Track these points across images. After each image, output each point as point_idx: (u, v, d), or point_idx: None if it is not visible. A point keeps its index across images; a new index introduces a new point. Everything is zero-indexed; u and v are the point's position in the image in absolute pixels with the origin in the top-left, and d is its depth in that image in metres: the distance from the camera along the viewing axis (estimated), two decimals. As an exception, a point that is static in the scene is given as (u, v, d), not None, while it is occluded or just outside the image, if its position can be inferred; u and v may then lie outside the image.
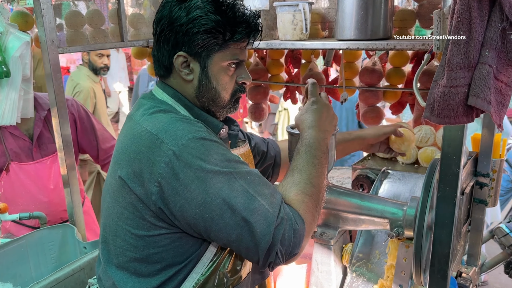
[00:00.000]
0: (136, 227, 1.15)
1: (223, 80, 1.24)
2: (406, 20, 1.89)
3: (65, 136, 1.96)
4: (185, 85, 1.25)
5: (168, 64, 1.23)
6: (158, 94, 1.27)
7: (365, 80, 2.10)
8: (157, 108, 1.20)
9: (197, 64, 1.21)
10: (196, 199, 1.07)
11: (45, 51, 1.83)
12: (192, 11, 1.16)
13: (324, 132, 1.31)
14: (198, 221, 1.09)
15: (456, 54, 0.86)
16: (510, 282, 3.52)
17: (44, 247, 1.98)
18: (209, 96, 1.24)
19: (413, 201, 1.33)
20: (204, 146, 1.09)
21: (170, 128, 1.11)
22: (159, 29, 1.20)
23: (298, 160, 1.24)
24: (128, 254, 1.18)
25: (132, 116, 1.24)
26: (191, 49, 1.18)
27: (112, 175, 1.20)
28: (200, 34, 1.16)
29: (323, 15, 2.06)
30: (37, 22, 1.81)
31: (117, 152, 1.21)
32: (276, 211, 1.09)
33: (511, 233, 2.96)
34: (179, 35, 1.17)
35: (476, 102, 0.85)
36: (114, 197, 1.18)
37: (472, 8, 0.82)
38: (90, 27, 2.17)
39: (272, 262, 1.11)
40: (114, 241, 1.20)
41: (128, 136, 1.18)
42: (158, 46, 1.23)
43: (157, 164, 1.08)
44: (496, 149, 1.81)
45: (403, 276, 1.34)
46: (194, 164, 1.07)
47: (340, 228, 1.50)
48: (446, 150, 1.11)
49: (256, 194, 1.09)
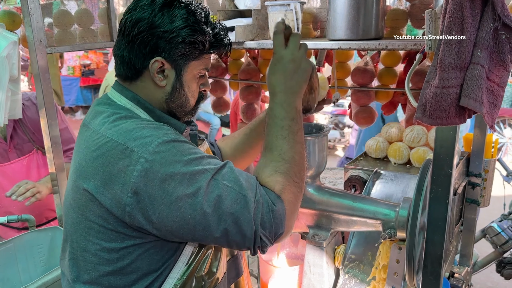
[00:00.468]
0: (108, 240, 1.11)
1: (193, 88, 1.24)
2: (397, 20, 1.88)
3: (54, 137, 1.94)
4: (155, 90, 1.21)
5: (141, 67, 1.18)
6: (115, 98, 1.22)
7: (357, 80, 2.09)
8: (118, 115, 1.16)
9: (173, 71, 1.19)
10: (175, 203, 1.04)
11: (32, 51, 1.80)
12: (177, 20, 1.14)
13: (291, 95, 1.20)
14: (181, 224, 1.06)
15: (448, 54, 0.85)
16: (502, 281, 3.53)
17: (33, 250, 1.95)
18: (179, 102, 1.23)
19: (406, 202, 1.32)
20: (175, 148, 1.07)
21: (137, 136, 1.07)
22: (137, 31, 1.15)
23: (268, 136, 1.20)
24: (100, 269, 1.13)
25: (88, 124, 1.19)
26: (170, 56, 1.16)
27: (75, 190, 1.14)
28: (184, 43, 1.15)
29: (314, 15, 2.05)
30: (24, 21, 1.78)
31: (79, 164, 1.14)
32: (253, 195, 1.08)
33: (502, 232, 2.99)
34: (160, 41, 1.14)
35: (468, 103, 0.84)
36: (80, 212, 1.13)
37: (465, 7, 0.81)
38: (79, 27, 2.14)
39: (259, 246, 1.10)
40: (83, 256, 1.15)
41: (91, 148, 1.13)
42: (131, 47, 1.17)
43: (130, 174, 1.04)
44: (488, 149, 1.81)
45: (395, 278, 1.34)
46: (168, 169, 1.04)
47: (333, 230, 1.49)
48: (439, 151, 1.10)
49: (232, 184, 1.08)
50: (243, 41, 1.82)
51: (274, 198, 1.11)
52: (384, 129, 2.00)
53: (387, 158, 1.93)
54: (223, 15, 1.96)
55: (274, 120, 1.19)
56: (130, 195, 1.04)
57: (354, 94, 2.14)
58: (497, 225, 3.01)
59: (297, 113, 1.21)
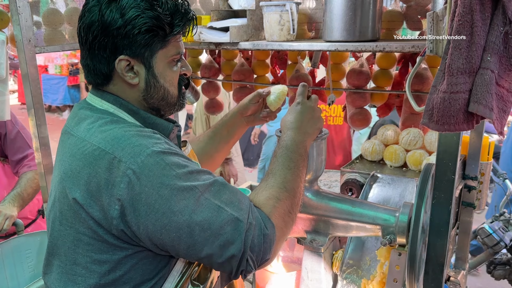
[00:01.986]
0: (98, 252, 1.06)
1: (169, 76, 1.18)
2: (393, 22, 1.87)
3: (42, 138, 1.88)
4: (129, 90, 1.16)
5: (108, 71, 1.13)
6: (96, 103, 1.17)
7: (352, 81, 2.07)
8: (103, 120, 1.11)
9: (142, 66, 1.13)
10: (161, 219, 1.00)
11: (21, 51, 1.75)
12: (128, 11, 1.07)
13: (304, 135, 1.29)
14: (164, 240, 1.02)
15: (457, 58, 0.82)
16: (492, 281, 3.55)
17: (21, 255, 1.90)
18: (158, 96, 1.18)
19: (406, 207, 1.30)
20: (164, 160, 1.02)
21: (125, 145, 1.02)
22: (92, 36, 1.10)
23: (274, 163, 1.22)
24: (91, 282, 1.08)
25: (71, 131, 1.14)
26: (133, 51, 1.10)
27: (62, 200, 1.09)
28: (141, 34, 1.08)
29: (309, 15, 2.02)
30: (12, 20, 1.72)
31: (65, 174, 1.08)
32: (245, 217, 1.04)
33: (494, 233, 3.00)
34: (117, 39, 1.08)
35: (478, 109, 0.82)
36: (69, 224, 1.08)
37: (474, 11, 0.79)
38: (69, 26, 2.09)
39: (244, 270, 1.06)
40: (73, 270, 1.09)
41: (77, 156, 1.07)
42: (91, 54, 1.12)
43: (117, 186, 1.00)
44: (484, 152, 1.81)
45: (395, 284, 1.31)
46: (156, 182, 1.00)
47: (331, 235, 1.46)
48: (442, 156, 1.08)
49: (223, 204, 1.04)
50: (237, 41, 1.79)
51: (267, 222, 1.08)
52: (380, 131, 1.98)
53: (383, 161, 1.92)
54: (217, 15, 1.93)
55: (284, 151, 1.24)
56: (117, 208, 1.00)
57: (349, 96, 2.12)
58: (488, 226, 3.02)
59: (305, 152, 1.28)
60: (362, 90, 2.08)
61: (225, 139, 1.62)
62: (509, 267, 3.22)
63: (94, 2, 1.09)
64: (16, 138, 2.18)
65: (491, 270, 3.29)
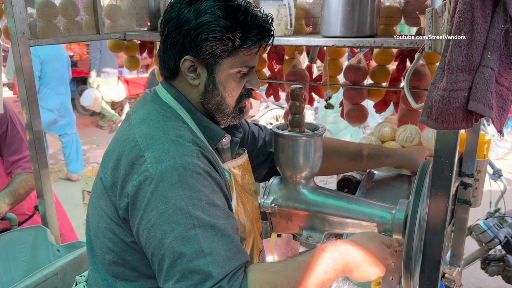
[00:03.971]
0: (112, 232, 1.12)
1: (231, 87, 1.19)
2: (391, 17, 1.86)
3: (37, 133, 1.86)
4: (191, 89, 1.20)
5: (174, 67, 1.18)
6: (161, 94, 1.22)
7: (350, 77, 2.06)
8: (160, 114, 1.16)
9: (204, 70, 1.16)
10: (149, 229, 1.02)
11: (15, 43, 1.72)
12: (202, 15, 1.09)
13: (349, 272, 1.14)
14: (146, 251, 1.05)
15: (456, 56, 0.81)
16: (486, 277, 3.57)
17: (15, 250, 1.88)
18: (214, 102, 1.19)
19: (402, 205, 1.29)
20: (180, 176, 1.01)
21: (157, 148, 1.06)
22: (167, 31, 1.15)
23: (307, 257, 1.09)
24: (106, 257, 1.14)
25: (130, 116, 1.20)
26: (198, 55, 1.13)
27: (98, 176, 1.18)
28: (208, 40, 1.10)
29: (307, 10, 2.01)
30: (6, 12, 1.70)
31: (106, 153, 1.17)
32: (219, 277, 0.95)
33: (488, 230, 3.01)
34: (186, 40, 1.12)
35: (477, 107, 0.81)
36: (97, 198, 1.16)
37: (475, 8, 0.78)
38: (64, 19, 2.06)
39: None
40: (95, 241, 1.18)
41: (119, 140, 1.15)
42: (164, 47, 1.18)
43: (131, 181, 1.05)
44: (481, 149, 1.80)
45: (391, 282, 1.31)
46: (160, 193, 1.01)
47: (327, 232, 1.46)
48: (439, 154, 1.08)
49: (208, 251, 0.97)
50: (235, 36, 1.77)
51: None
52: (377, 128, 1.98)
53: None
54: (214, 9, 1.91)
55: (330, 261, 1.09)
56: (125, 201, 1.06)
57: (347, 92, 2.12)
58: (483, 223, 3.03)
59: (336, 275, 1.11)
60: (359, 86, 2.07)
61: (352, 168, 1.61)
62: (503, 263, 3.24)
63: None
64: (15, 139, 2.15)
65: (485, 266, 3.32)
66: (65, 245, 1.88)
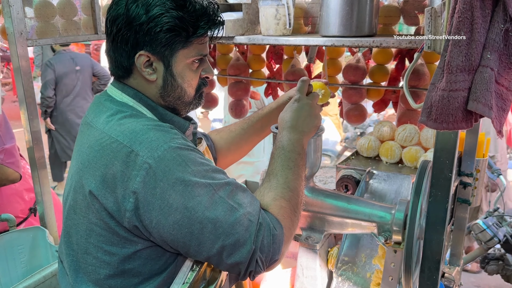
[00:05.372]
0: (109, 244, 1.08)
1: (189, 77, 1.19)
2: (390, 17, 1.85)
3: (35, 133, 1.86)
4: (148, 85, 1.18)
5: (128, 64, 1.15)
6: (116, 96, 1.18)
7: (348, 77, 2.06)
8: (123, 114, 1.12)
9: (161, 63, 1.15)
10: (174, 214, 1.01)
11: (12, 43, 1.72)
12: (152, 9, 1.08)
13: (300, 133, 1.26)
14: (176, 236, 1.03)
15: (456, 56, 0.81)
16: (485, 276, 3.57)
17: (13, 251, 1.88)
18: (175, 95, 1.19)
19: (402, 205, 1.29)
20: (180, 156, 1.03)
21: (143, 139, 1.04)
22: (116, 29, 1.11)
23: (274, 164, 1.21)
24: (101, 272, 1.10)
25: (91, 122, 1.15)
26: (153, 48, 1.11)
27: (78, 190, 1.10)
28: (162, 32, 1.09)
29: (306, 9, 2.00)
30: (3, 12, 1.69)
31: (82, 164, 1.10)
32: (256, 218, 1.06)
33: (488, 229, 3.01)
34: (139, 35, 1.10)
35: (477, 107, 0.81)
36: (82, 213, 1.10)
37: (475, 7, 0.78)
38: (62, 18, 2.05)
39: (252, 271, 1.07)
40: (84, 259, 1.12)
41: (95, 148, 1.08)
42: (114, 46, 1.14)
43: (133, 179, 1.01)
44: (480, 149, 1.80)
45: (391, 282, 1.31)
46: (171, 177, 1.01)
47: (326, 232, 1.45)
48: (439, 154, 1.07)
49: (236, 205, 1.05)
50: (233, 35, 1.77)
51: (275, 223, 1.10)
52: (376, 127, 1.97)
53: (379, 157, 1.91)
54: (212, 8, 1.90)
55: (282, 151, 1.22)
56: (132, 201, 1.02)
57: (346, 91, 2.11)
58: (482, 222, 3.03)
59: (303, 150, 1.25)
60: (358, 85, 2.06)
61: (257, 132, 1.61)
62: (502, 262, 3.24)
63: None
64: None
65: (485, 265, 3.31)
66: (63, 246, 1.87)
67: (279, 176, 1.17)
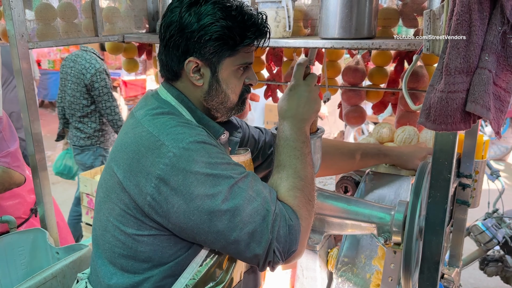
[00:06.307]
0: (126, 225, 1.14)
1: (233, 84, 1.24)
2: (389, 19, 1.86)
3: (36, 135, 1.86)
4: (194, 89, 1.24)
5: (178, 69, 1.22)
6: (162, 94, 1.26)
7: (348, 79, 2.07)
8: (161, 110, 1.20)
9: (208, 70, 1.21)
10: (195, 200, 1.06)
11: (14, 46, 1.72)
12: (203, 18, 1.14)
13: (301, 121, 1.27)
14: (195, 222, 1.07)
15: (454, 58, 0.82)
16: (484, 278, 3.58)
17: (14, 252, 1.88)
18: (218, 99, 1.24)
19: (401, 206, 1.30)
20: (204, 149, 1.09)
21: (171, 131, 1.11)
22: (169, 35, 1.18)
23: (280, 156, 1.23)
24: (116, 250, 1.17)
25: (134, 113, 1.24)
26: (202, 55, 1.18)
27: (108, 171, 1.20)
28: (212, 41, 1.15)
29: (305, 12, 2.01)
30: (5, 15, 1.70)
31: (115, 148, 1.20)
32: (273, 209, 1.09)
33: (487, 230, 3.02)
34: (190, 42, 1.16)
35: (475, 108, 0.82)
36: (107, 192, 1.18)
37: (473, 10, 0.79)
38: (62, 21, 2.06)
39: (271, 261, 1.10)
40: (103, 235, 1.20)
41: (129, 134, 1.17)
42: (166, 51, 1.21)
43: (156, 166, 1.07)
44: (479, 150, 1.81)
45: (390, 283, 1.32)
46: (194, 167, 1.06)
47: (326, 233, 1.46)
48: (438, 155, 1.08)
49: (255, 194, 1.09)
50: (233, 38, 1.77)
51: (291, 213, 1.12)
52: (375, 129, 1.98)
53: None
54: (212, 11, 1.91)
55: (286, 141, 1.24)
56: (153, 186, 1.07)
57: (345, 93, 2.12)
58: (481, 224, 3.04)
59: (306, 137, 1.27)
60: (357, 87, 2.08)
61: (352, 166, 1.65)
62: (502, 263, 3.25)
63: (177, 4, 1.18)
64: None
65: (484, 266, 3.32)
66: (64, 247, 1.88)
67: (288, 167, 1.20)
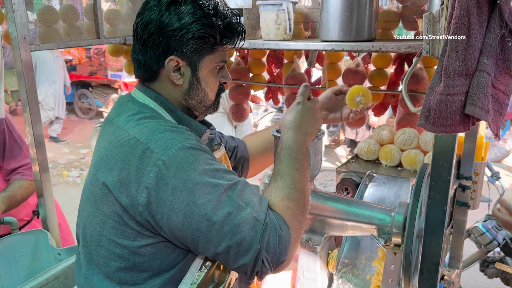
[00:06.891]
0: (121, 237, 1.12)
1: (211, 82, 1.25)
2: (389, 22, 1.87)
3: (38, 136, 1.87)
4: (173, 89, 1.23)
5: (157, 68, 1.21)
6: (139, 98, 1.24)
7: (348, 81, 2.08)
8: (143, 114, 1.18)
9: (188, 68, 1.20)
10: (184, 210, 1.05)
11: (16, 48, 1.73)
12: (184, 16, 1.14)
13: (304, 134, 1.29)
14: (185, 232, 1.07)
15: (453, 60, 0.83)
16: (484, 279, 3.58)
17: (16, 253, 1.89)
18: (198, 98, 1.25)
19: (401, 207, 1.30)
20: (193, 155, 1.08)
21: (159, 137, 1.09)
22: (147, 33, 1.17)
23: (280, 165, 1.23)
24: (112, 264, 1.14)
25: (113, 120, 1.21)
26: (183, 54, 1.18)
27: (94, 183, 1.16)
28: (193, 39, 1.16)
29: (306, 14, 2.02)
30: (7, 17, 1.71)
31: (100, 158, 1.16)
32: (263, 218, 1.08)
33: (487, 232, 3.02)
34: (171, 40, 1.16)
35: (474, 111, 0.82)
36: (96, 206, 1.15)
37: (472, 13, 0.80)
38: (64, 23, 2.07)
39: (259, 271, 1.09)
40: (97, 251, 1.16)
41: (114, 143, 1.14)
42: (144, 50, 1.20)
43: (146, 174, 1.06)
44: (479, 152, 1.82)
45: (390, 284, 1.32)
46: (183, 174, 1.05)
47: (326, 234, 1.47)
48: (437, 157, 1.09)
49: (244, 204, 1.08)
50: (234, 40, 1.78)
51: (282, 223, 1.12)
52: (375, 131, 1.99)
53: (378, 160, 1.93)
54: (213, 13, 1.92)
55: (288, 151, 1.24)
56: (144, 196, 1.06)
57: (345, 95, 2.13)
58: (481, 225, 3.04)
59: (307, 151, 1.28)
60: (358, 89, 2.08)
61: None
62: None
63: (155, 2, 1.17)
64: (13, 147, 2.15)
65: (484, 268, 3.32)
66: (66, 248, 1.88)
67: (286, 177, 1.20)
